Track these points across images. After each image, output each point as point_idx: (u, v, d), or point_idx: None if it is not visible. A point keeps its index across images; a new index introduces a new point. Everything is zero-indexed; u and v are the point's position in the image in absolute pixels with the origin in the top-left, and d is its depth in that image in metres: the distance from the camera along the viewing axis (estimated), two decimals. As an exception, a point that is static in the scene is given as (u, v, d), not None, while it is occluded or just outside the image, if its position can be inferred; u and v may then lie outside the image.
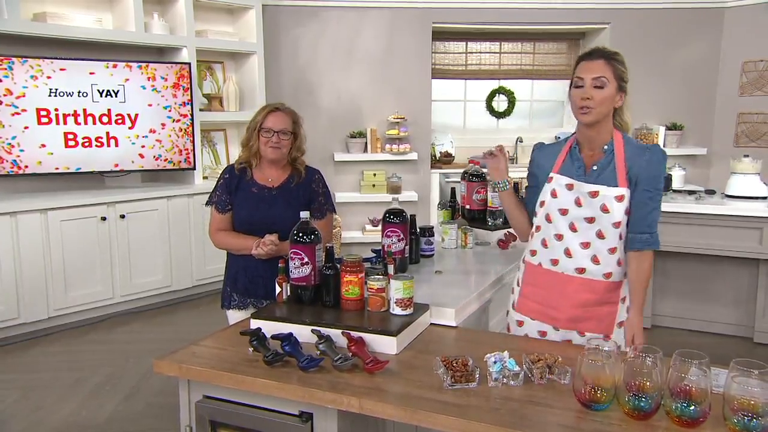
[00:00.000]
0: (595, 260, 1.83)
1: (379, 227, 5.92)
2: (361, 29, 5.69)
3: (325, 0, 5.56)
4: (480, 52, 6.33)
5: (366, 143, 5.80)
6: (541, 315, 1.92)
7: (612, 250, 1.82)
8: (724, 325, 3.90)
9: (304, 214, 1.87)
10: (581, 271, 1.84)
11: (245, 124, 5.61)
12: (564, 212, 1.85)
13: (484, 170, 2.82)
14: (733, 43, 5.88)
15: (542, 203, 1.90)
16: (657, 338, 3.88)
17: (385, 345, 1.65)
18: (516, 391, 1.44)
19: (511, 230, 2.74)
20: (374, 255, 2.33)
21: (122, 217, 4.30)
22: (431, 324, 1.88)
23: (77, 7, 4.40)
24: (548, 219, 1.89)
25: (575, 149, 1.89)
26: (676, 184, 5.70)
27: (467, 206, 2.88)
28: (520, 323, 1.98)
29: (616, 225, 1.81)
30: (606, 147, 1.83)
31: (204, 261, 4.74)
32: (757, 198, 3.76)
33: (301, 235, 1.82)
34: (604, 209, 1.80)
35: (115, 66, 4.31)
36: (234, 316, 2.36)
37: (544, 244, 1.90)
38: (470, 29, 6.05)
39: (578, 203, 1.83)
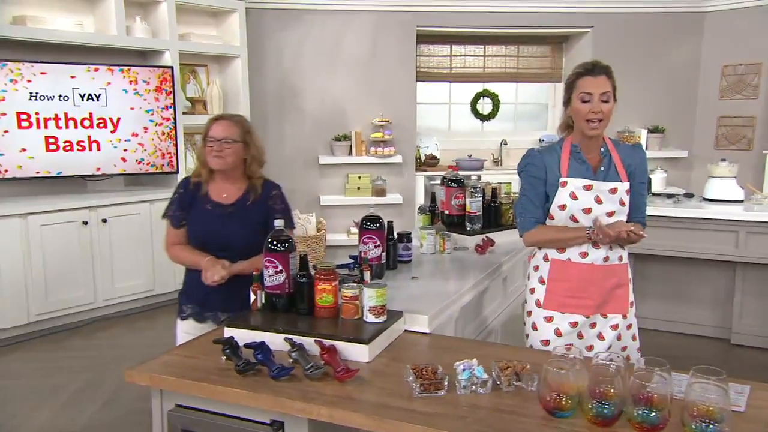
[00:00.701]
0: (611, 247, 2.05)
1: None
2: (346, 33, 5.70)
3: (309, 3, 5.57)
4: (464, 55, 6.36)
5: (351, 146, 5.82)
6: (572, 307, 2.06)
7: None
8: (703, 327, 3.95)
9: (278, 223, 1.88)
10: (606, 259, 2.04)
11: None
12: (588, 211, 2.02)
13: (468, 175, 2.87)
14: (713, 48, 5.96)
15: (563, 206, 2.02)
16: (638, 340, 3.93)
17: (357, 353, 1.67)
18: (484, 399, 1.46)
19: (489, 235, 2.78)
20: (352, 261, 2.35)
21: (104, 221, 4.28)
22: (406, 331, 1.89)
23: (58, 10, 4.38)
24: (574, 219, 2.03)
25: (578, 153, 2.03)
26: (658, 186, 5.77)
27: (446, 211, 2.91)
28: (548, 319, 2.08)
29: (628, 215, 2.06)
30: (603, 150, 2.05)
31: (187, 265, 4.72)
32: (733, 201, 3.82)
33: (275, 243, 1.83)
34: (622, 203, 2.03)
35: (96, 70, 4.29)
36: (183, 327, 2.28)
37: None
38: (455, 32, 6.08)
39: (598, 201, 2.01)
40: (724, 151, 5.95)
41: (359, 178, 5.86)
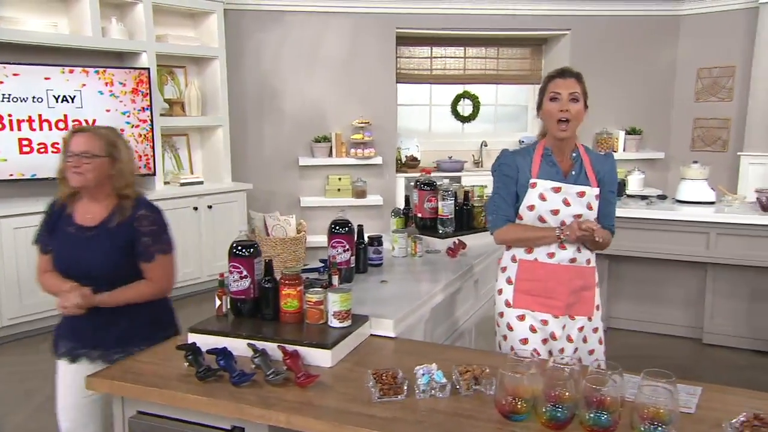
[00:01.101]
0: (579, 249, 2.10)
1: (344, 231, 5.87)
2: (325, 34, 5.70)
3: (288, 5, 5.56)
4: (445, 57, 6.39)
5: (331, 148, 5.82)
6: (542, 306, 2.10)
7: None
8: (675, 327, 4.01)
9: (243, 228, 1.88)
10: (573, 260, 2.09)
11: (208, 129, 5.57)
12: (555, 212, 2.07)
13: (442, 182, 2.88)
14: (689, 51, 6.05)
15: (531, 207, 2.07)
16: (611, 341, 3.96)
17: (320, 358, 1.67)
18: (442, 403, 1.47)
19: (461, 238, 2.80)
20: (322, 265, 2.35)
21: (79, 224, 4.23)
22: (372, 335, 1.90)
23: (31, 11, 4.33)
24: (542, 220, 2.08)
25: (550, 156, 2.08)
26: (635, 187, 5.84)
27: (419, 214, 2.93)
28: (521, 318, 2.12)
29: (596, 219, 2.10)
30: (574, 155, 2.10)
31: (165, 267, 4.69)
32: (704, 203, 3.88)
33: (240, 248, 1.83)
34: (589, 207, 2.08)
35: (71, 71, 4.25)
36: (60, 368, 2.08)
37: None
38: (435, 34, 6.11)
39: (566, 203, 2.06)
40: (700, 153, 6.05)
41: (339, 179, 5.86)
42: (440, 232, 2.83)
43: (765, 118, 5.56)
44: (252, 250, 1.84)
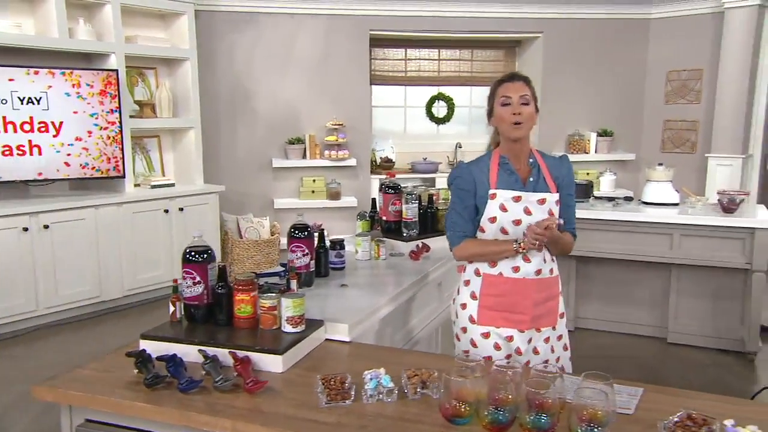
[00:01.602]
0: (543, 260, 2.06)
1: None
2: (298, 36, 5.70)
3: (260, 6, 5.55)
4: (419, 59, 6.42)
5: (305, 149, 5.82)
6: (507, 321, 2.04)
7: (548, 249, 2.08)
8: (642, 327, 4.08)
9: (197, 233, 1.88)
10: (538, 272, 2.04)
11: (180, 131, 5.54)
12: (518, 223, 2.01)
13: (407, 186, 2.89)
14: (659, 54, 6.15)
15: (493, 219, 2.01)
16: (580, 340, 4.03)
17: (271, 363, 1.68)
18: (389, 408, 1.49)
19: (425, 241, 2.82)
20: (283, 269, 2.35)
21: (46, 227, 4.18)
22: (327, 339, 1.91)
23: (-5, 11, 4.27)
24: (504, 232, 2.02)
25: (507, 164, 2.03)
26: (606, 188, 5.93)
27: (384, 217, 2.94)
28: (485, 335, 2.06)
29: (557, 226, 2.04)
30: (531, 161, 2.05)
31: (135, 270, 4.66)
32: (669, 205, 3.95)
33: (193, 254, 1.83)
34: (550, 213, 2.03)
35: (36, 72, 4.20)
36: None
37: None
38: (409, 36, 6.13)
39: (528, 212, 2.01)
40: (670, 154, 6.16)
41: (313, 181, 5.86)
42: (404, 235, 2.85)
43: (731, 120, 5.67)
44: (206, 255, 1.84)
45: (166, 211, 4.83)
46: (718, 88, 5.71)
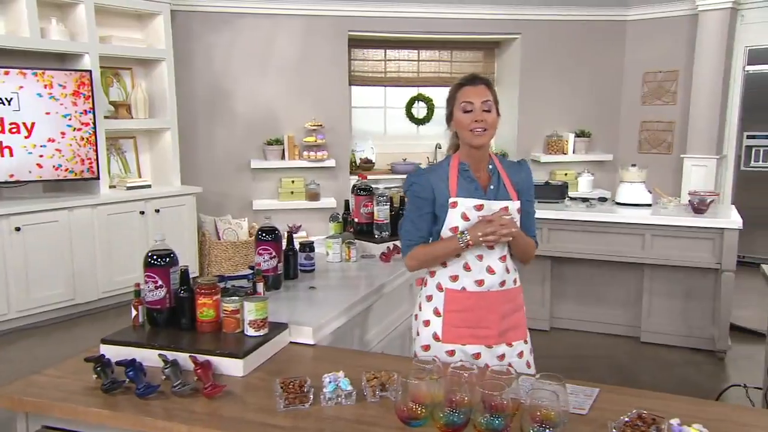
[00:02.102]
0: (507, 270, 1.97)
1: (298, 234, 5.89)
2: (276, 36, 5.69)
3: (237, 7, 5.53)
4: (399, 60, 6.44)
5: (283, 150, 5.80)
6: (473, 338, 1.94)
7: (512, 255, 2.01)
8: (616, 326, 4.13)
9: (159, 236, 1.87)
10: (503, 284, 1.95)
11: (156, 132, 5.50)
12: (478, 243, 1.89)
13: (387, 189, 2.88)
14: (635, 55, 6.23)
15: (455, 228, 1.90)
16: (555, 340, 4.08)
17: (232, 367, 1.68)
18: (348, 411, 1.49)
19: (396, 243, 2.83)
20: (251, 272, 2.35)
21: (17, 229, 4.13)
22: (291, 343, 1.91)
23: (-35, 10, 4.21)
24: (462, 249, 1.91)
25: (467, 171, 1.94)
26: (584, 189, 6.00)
27: (356, 219, 2.95)
28: (450, 353, 1.94)
29: None
30: (490, 167, 1.97)
31: (111, 272, 4.63)
32: (641, 205, 4.00)
33: (155, 257, 1.82)
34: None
35: (6, 73, 4.14)
36: None
37: (467, 267, 1.94)
38: (388, 37, 6.14)
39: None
40: (647, 155, 6.23)
41: (292, 182, 5.85)
42: (376, 236, 2.86)
43: (706, 121, 5.76)
44: (168, 259, 1.83)
45: (142, 212, 4.80)
46: (693, 90, 5.79)
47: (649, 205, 4.01)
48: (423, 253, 1.96)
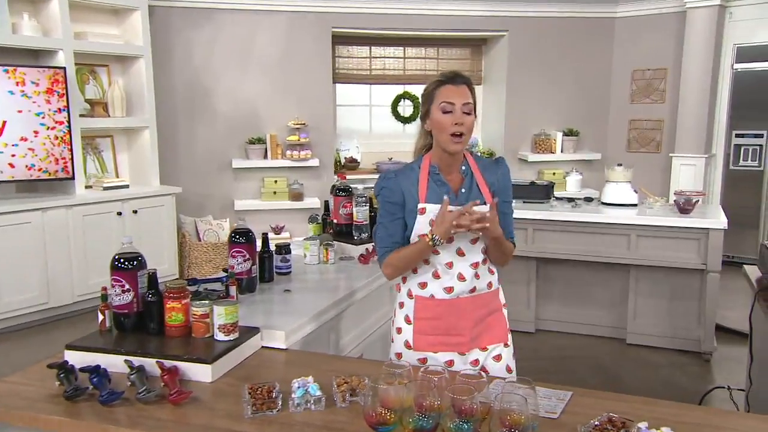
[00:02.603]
0: (477, 276, 1.92)
1: (281, 235, 5.85)
2: (257, 33, 5.67)
3: (217, 2, 5.51)
4: (384, 57, 6.44)
5: (266, 149, 5.79)
6: (445, 345, 1.91)
7: (484, 261, 1.94)
8: (602, 328, 4.16)
9: (126, 239, 1.86)
10: (473, 290, 1.92)
11: (134, 130, 5.47)
12: (450, 240, 1.86)
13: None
14: (624, 53, 6.27)
15: (423, 236, 1.84)
16: (540, 342, 4.10)
17: (200, 373, 1.67)
18: (316, 416, 1.50)
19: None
20: (225, 275, 2.34)
21: (-11, 231, 4.10)
22: (263, 347, 1.91)
23: (-66, 5, 4.16)
24: (434, 251, 1.88)
25: (437, 175, 1.89)
26: (572, 188, 6.04)
27: (335, 220, 2.95)
28: (422, 361, 1.90)
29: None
30: (463, 168, 1.92)
31: (87, 275, 4.59)
32: (627, 205, 4.03)
33: (122, 261, 1.82)
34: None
35: (-24, 70, 4.11)
36: None
37: (436, 275, 1.91)
38: (374, 34, 6.14)
39: (460, 226, 1.83)
40: (636, 154, 6.29)
41: (275, 182, 5.84)
42: (355, 238, 2.86)
43: (694, 120, 5.81)
44: (135, 262, 1.83)
45: (119, 213, 4.77)
46: (682, 88, 5.84)
47: (635, 205, 4.05)
48: (397, 258, 1.92)
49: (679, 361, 3.80)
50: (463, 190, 1.90)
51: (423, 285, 1.94)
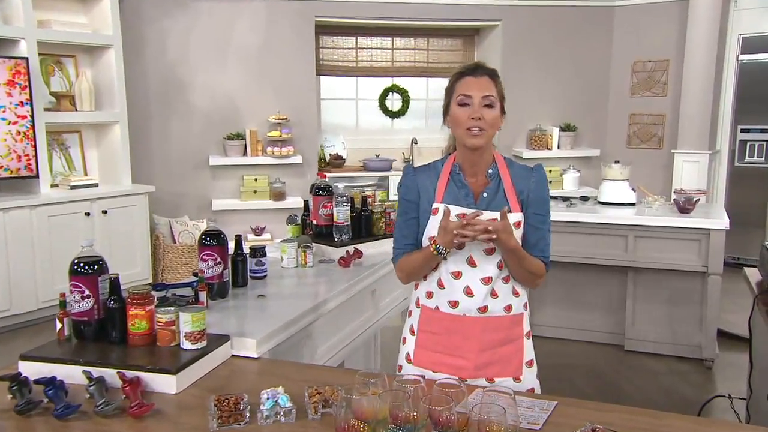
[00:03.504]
0: (494, 294, 1.82)
1: (263, 236, 5.85)
2: (236, 22, 5.66)
3: (193, -11, 5.49)
4: (371, 48, 6.45)
5: (245, 146, 5.78)
6: (446, 366, 1.83)
7: (506, 280, 1.84)
8: (599, 333, 4.18)
9: (86, 242, 1.86)
10: (483, 310, 1.82)
11: (103, 125, 5.44)
12: (460, 246, 1.79)
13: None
14: (623, 44, 6.31)
15: (432, 239, 1.80)
16: (535, 348, 4.11)
17: (164, 384, 1.67)
18: (285, 429, 1.50)
19: (358, 247, 2.84)
20: (195, 279, 2.34)
21: (-54, 234, 4.06)
22: (234, 356, 1.91)
23: None
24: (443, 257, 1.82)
25: (458, 175, 1.84)
26: (570, 186, 6.08)
27: (314, 221, 2.95)
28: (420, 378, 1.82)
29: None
30: (491, 171, 1.84)
31: (52, 280, 4.56)
32: (625, 205, 4.06)
33: (81, 265, 1.81)
34: None
35: (-68, 61, 4.07)
36: None
37: (440, 284, 1.85)
38: (360, 24, 6.15)
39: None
40: (636, 150, 6.33)
41: (255, 180, 5.83)
42: (335, 240, 2.86)
43: (697, 114, 5.84)
44: (96, 267, 1.82)
45: (88, 214, 4.75)
46: (684, 80, 5.88)
47: (633, 204, 4.07)
48: (406, 263, 1.90)
49: (680, 368, 3.83)
50: (485, 195, 1.83)
51: (429, 294, 1.89)
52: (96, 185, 5.01)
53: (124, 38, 5.08)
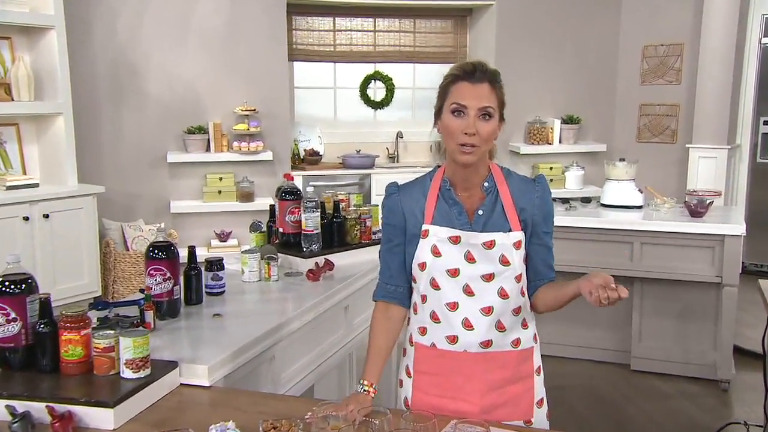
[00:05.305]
0: (500, 327, 1.79)
1: (228, 242, 5.83)
2: (197, 1, 5.64)
3: (147, -37, 5.47)
4: (351, 30, 6.46)
5: (208, 141, 5.77)
6: (446, 411, 1.77)
7: (516, 311, 1.81)
8: (601, 351, 4.22)
9: (12, 257, 1.84)
10: (487, 344, 1.79)
11: (45, 118, 5.39)
12: (454, 273, 1.77)
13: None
14: (633, 26, 6.36)
15: (422, 265, 1.79)
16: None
17: (100, 419, 1.66)
18: (236, 468, 1.50)
19: (329, 257, 2.84)
20: (142, 297, 2.33)
21: None
22: (183, 385, 1.91)
23: None
24: (435, 285, 1.79)
25: (449, 191, 1.81)
26: (573, 185, 6.12)
27: (280, 229, 2.95)
28: None
29: (518, 278, 1.79)
30: (486, 184, 1.81)
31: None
32: (631, 207, 4.09)
33: (6, 284, 1.80)
34: (504, 261, 1.76)
35: None
36: None
37: (435, 317, 1.81)
38: (338, 2, 6.15)
39: (470, 259, 1.77)
40: (647, 144, 6.39)
41: (220, 179, 5.82)
42: (304, 250, 2.87)
43: (715, 104, 5.88)
44: (24, 286, 1.81)
45: (26, 218, 4.70)
46: (700, 67, 5.93)
47: (640, 207, 4.11)
48: (371, 327, 1.92)
49: (692, 390, 3.87)
50: (480, 212, 1.79)
51: (423, 330, 1.85)
52: (36, 185, 4.96)
53: (67, 18, 5.03)
